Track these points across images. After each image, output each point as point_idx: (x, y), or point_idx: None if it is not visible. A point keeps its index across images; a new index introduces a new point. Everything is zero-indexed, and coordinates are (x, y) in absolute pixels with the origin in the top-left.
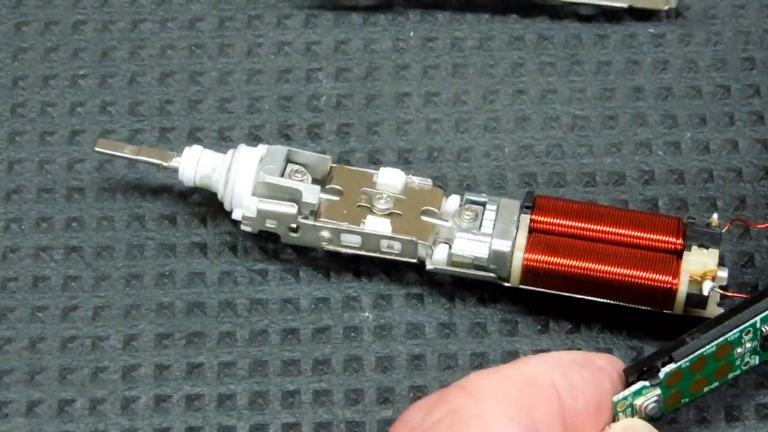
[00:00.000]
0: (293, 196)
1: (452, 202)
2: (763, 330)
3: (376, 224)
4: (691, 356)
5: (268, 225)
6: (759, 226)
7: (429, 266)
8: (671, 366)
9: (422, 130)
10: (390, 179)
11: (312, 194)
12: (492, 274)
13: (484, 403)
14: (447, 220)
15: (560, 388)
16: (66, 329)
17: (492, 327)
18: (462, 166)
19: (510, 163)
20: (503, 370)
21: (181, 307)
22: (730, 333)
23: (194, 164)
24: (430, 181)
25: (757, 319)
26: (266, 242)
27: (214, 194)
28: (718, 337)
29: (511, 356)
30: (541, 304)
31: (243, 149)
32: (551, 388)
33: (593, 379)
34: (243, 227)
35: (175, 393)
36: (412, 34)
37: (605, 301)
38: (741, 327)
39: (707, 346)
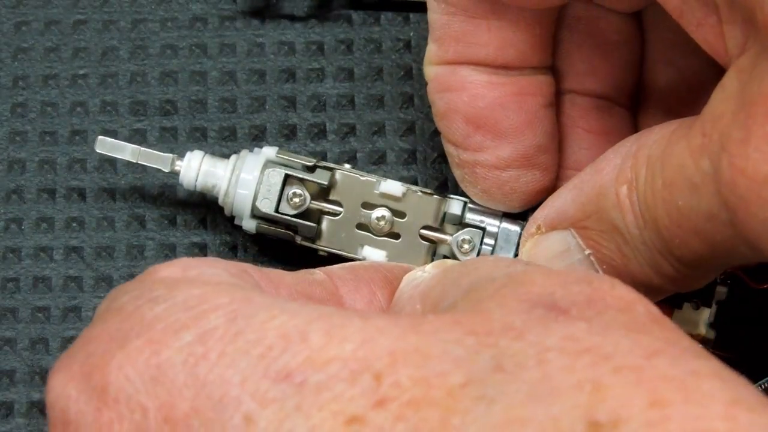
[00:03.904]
0: (291, 224)
1: (456, 206)
2: None
3: (373, 253)
4: None
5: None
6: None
7: None
8: None
9: (424, 131)
10: (390, 190)
11: (308, 229)
12: None
13: None
14: (446, 235)
15: None
16: (66, 329)
17: None
18: None
19: None
20: None
21: None
22: None
23: (195, 171)
24: (430, 191)
25: None
26: (266, 242)
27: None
28: None
29: None
30: None
31: (243, 161)
32: None
33: None
34: (245, 230)
35: None
36: (412, 34)
37: None
38: None
39: None
